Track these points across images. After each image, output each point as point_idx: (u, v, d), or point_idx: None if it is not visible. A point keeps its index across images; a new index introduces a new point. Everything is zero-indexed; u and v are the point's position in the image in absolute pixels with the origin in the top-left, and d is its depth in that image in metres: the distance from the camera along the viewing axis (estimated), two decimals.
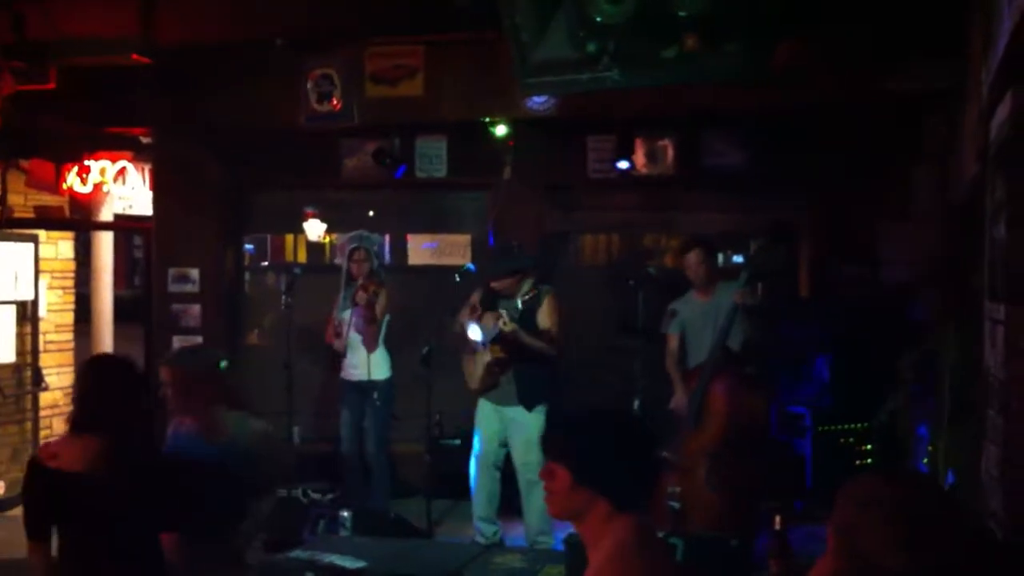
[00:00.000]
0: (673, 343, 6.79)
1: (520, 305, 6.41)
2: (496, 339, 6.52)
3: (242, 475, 4.32)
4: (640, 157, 7.65)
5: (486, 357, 6.62)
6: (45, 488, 3.65)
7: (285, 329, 7.52)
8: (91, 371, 3.88)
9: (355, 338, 7.29)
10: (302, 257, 10.29)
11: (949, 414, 5.89)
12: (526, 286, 6.58)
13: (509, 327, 6.37)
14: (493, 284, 6.65)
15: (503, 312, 6.40)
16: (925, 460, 6.34)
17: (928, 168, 6.61)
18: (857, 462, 7.24)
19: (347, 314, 7.25)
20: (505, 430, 6.73)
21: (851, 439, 7.20)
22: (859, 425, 7.22)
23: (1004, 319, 3.74)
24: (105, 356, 4.38)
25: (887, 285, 7.29)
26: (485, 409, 6.79)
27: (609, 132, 7.72)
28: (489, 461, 6.77)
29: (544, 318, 6.54)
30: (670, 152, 7.75)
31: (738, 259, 8.74)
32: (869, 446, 7.20)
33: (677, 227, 8.35)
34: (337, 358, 7.52)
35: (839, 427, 7.20)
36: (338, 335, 7.34)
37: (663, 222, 8.49)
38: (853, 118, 7.14)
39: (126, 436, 3.69)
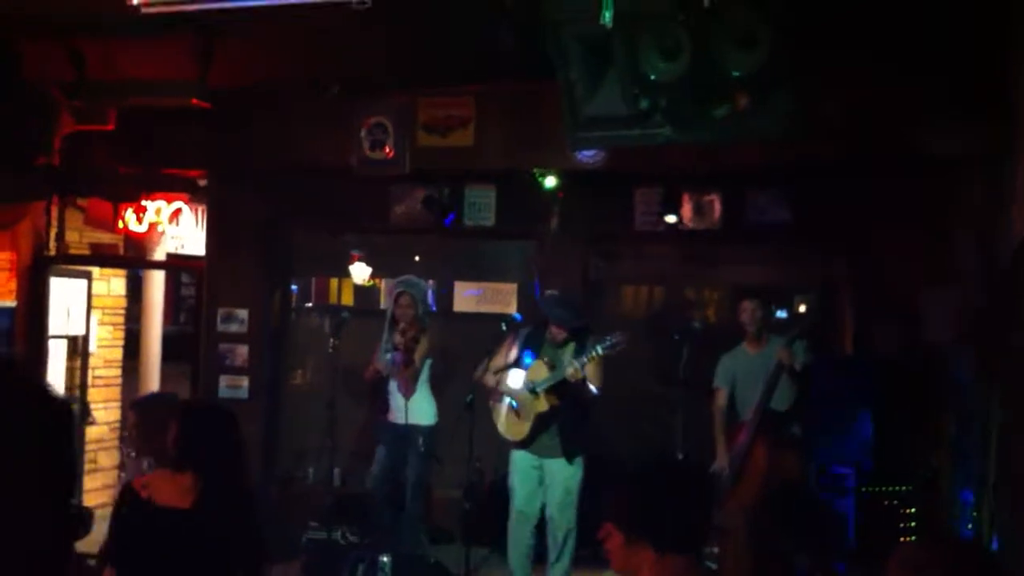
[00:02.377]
0: (721, 399, 6.76)
1: (577, 360, 6.41)
2: (552, 388, 6.52)
3: None
4: (687, 211, 7.68)
5: (540, 407, 6.58)
6: (135, 515, 3.75)
7: (330, 371, 7.60)
8: (189, 416, 4.02)
9: (395, 381, 7.36)
10: (347, 299, 10.38)
11: (994, 478, 5.83)
12: (571, 348, 6.61)
13: (580, 375, 6.38)
14: (555, 329, 6.66)
15: (576, 360, 6.39)
16: (970, 525, 6.26)
17: (970, 227, 6.59)
18: (900, 524, 7.14)
19: (389, 357, 7.32)
20: (542, 482, 6.69)
21: (894, 500, 7.10)
22: (903, 486, 7.14)
23: None
24: (201, 402, 4.56)
25: (929, 343, 7.25)
26: (523, 463, 6.73)
27: (656, 185, 7.76)
28: (528, 517, 6.72)
29: (593, 373, 6.53)
30: (717, 207, 7.77)
31: (781, 314, 8.72)
32: (912, 508, 7.11)
33: (721, 281, 8.36)
34: (381, 400, 7.56)
35: (882, 488, 7.12)
36: (376, 372, 7.43)
37: (707, 276, 8.50)
38: (896, 176, 7.14)
39: (219, 475, 3.81)
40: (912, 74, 6.07)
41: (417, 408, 7.26)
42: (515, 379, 6.70)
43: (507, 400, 6.70)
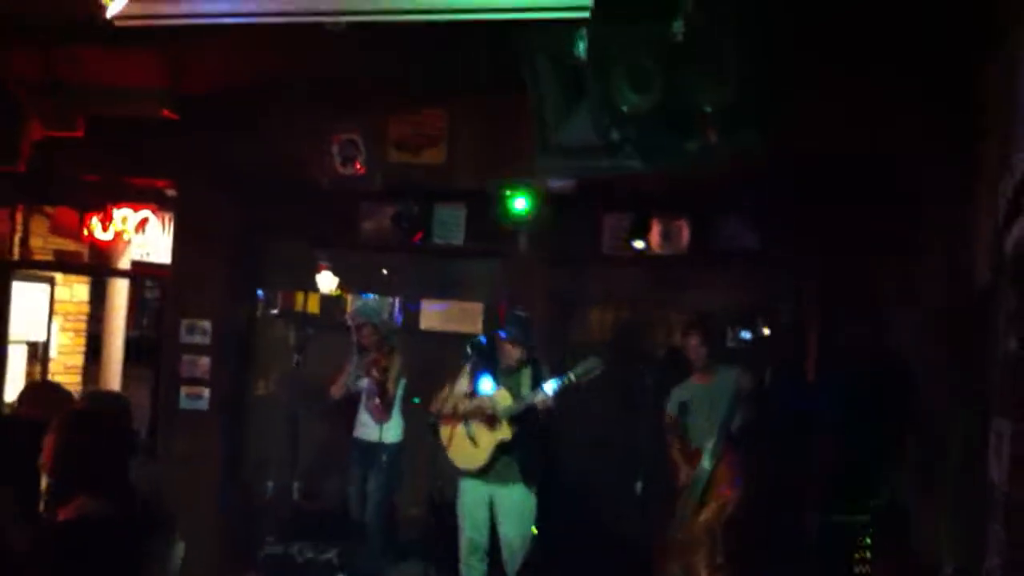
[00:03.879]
0: (671, 422, 6.87)
1: (556, 389, 6.36)
2: (516, 416, 6.47)
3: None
4: (655, 236, 7.71)
5: (502, 434, 6.52)
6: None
7: (293, 386, 7.58)
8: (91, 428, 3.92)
9: (367, 402, 7.38)
10: (313, 307, 10.31)
11: (952, 503, 5.90)
12: (527, 365, 6.61)
13: (550, 402, 6.34)
14: (504, 349, 6.64)
15: (544, 387, 6.36)
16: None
17: (937, 258, 6.65)
18: (857, 543, 7.20)
19: (363, 383, 7.34)
20: (493, 509, 6.64)
21: (855, 523, 7.16)
22: (862, 508, 7.19)
23: (1010, 435, 3.77)
24: (94, 415, 4.41)
25: (896, 368, 7.31)
26: (474, 491, 6.66)
27: (625, 209, 7.77)
28: (479, 545, 6.67)
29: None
30: (685, 232, 7.80)
31: (745, 335, 8.79)
32: (871, 529, 7.17)
33: (687, 304, 8.39)
34: (348, 415, 7.56)
35: (841, 509, 7.16)
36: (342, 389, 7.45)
37: (674, 300, 8.51)
38: (865, 199, 7.19)
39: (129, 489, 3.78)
40: (884, 101, 6.15)
41: (384, 427, 7.28)
42: (471, 407, 6.63)
43: (462, 428, 6.62)
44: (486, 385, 6.60)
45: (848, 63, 6.05)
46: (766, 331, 8.68)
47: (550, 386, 6.34)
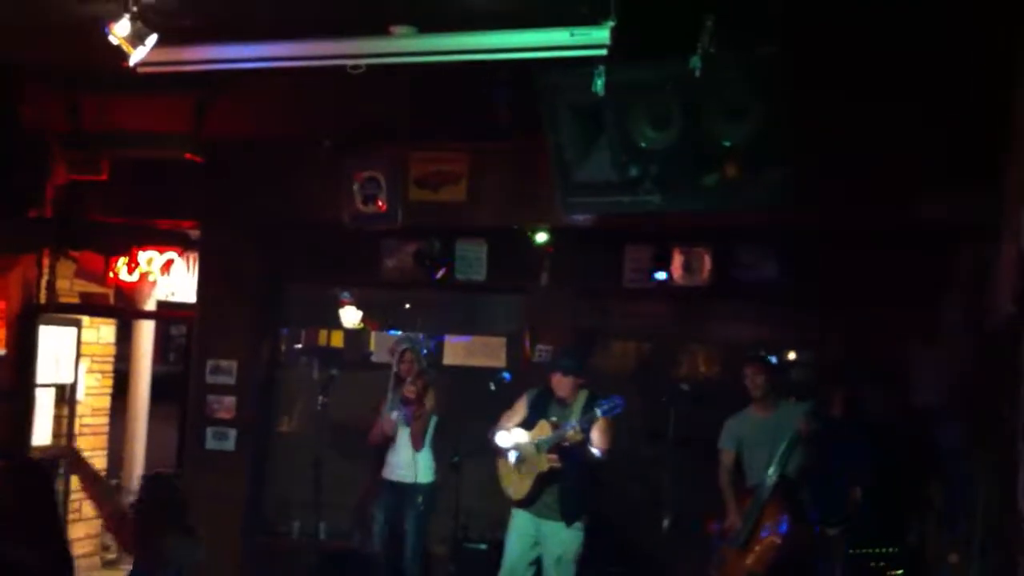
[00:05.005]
0: (728, 459, 6.74)
1: (578, 422, 6.36)
2: (554, 448, 6.44)
3: None
4: (676, 267, 7.69)
5: (540, 467, 6.49)
6: None
7: (319, 426, 7.59)
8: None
9: (402, 436, 7.33)
10: (336, 341, 10.34)
11: (980, 543, 5.84)
12: (582, 397, 6.57)
13: (579, 436, 6.31)
14: (555, 381, 6.64)
15: (573, 422, 6.35)
16: None
17: (959, 296, 6.62)
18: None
19: (395, 414, 7.33)
20: (539, 544, 6.60)
21: (882, 563, 7.10)
22: (890, 548, 7.13)
23: None
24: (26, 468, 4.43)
25: (918, 409, 7.27)
26: (521, 521, 6.64)
27: (646, 242, 7.78)
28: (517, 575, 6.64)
29: (599, 436, 6.46)
30: (706, 263, 7.78)
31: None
32: (900, 570, 7.11)
33: (710, 338, 8.37)
34: (380, 457, 7.53)
35: (870, 550, 7.11)
36: (384, 434, 7.41)
37: (695, 332, 8.50)
38: (887, 241, 7.18)
39: None
40: (904, 142, 6.15)
41: (419, 464, 7.25)
42: (518, 436, 6.63)
43: (511, 456, 6.63)
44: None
45: (869, 101, 6.06)
46: (789, 368, 8.63)
47: (580, 422, 6.33)
